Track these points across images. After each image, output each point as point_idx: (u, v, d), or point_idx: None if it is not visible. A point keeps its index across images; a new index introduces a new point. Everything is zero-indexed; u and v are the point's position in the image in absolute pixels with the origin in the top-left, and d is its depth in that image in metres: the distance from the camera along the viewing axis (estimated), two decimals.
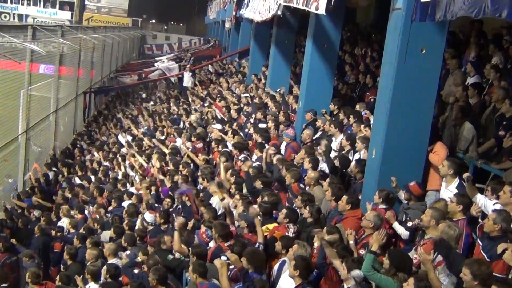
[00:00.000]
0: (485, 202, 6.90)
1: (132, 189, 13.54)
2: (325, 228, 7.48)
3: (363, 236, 7.60)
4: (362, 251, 7.19)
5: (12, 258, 11.76)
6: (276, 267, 7.50)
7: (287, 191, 9.81)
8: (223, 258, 7.29)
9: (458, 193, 7.24)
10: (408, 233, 7.52)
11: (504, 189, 6.66)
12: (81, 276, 9.71)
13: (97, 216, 12.65)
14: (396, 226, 7.65)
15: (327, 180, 9.06)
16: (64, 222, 13.10)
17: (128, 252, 9.80)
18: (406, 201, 8.12)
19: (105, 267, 9.20)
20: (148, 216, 10.77)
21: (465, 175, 7.31)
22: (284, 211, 8.41)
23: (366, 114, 10.88)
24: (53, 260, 11.78)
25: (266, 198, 9.00)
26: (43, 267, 11.16)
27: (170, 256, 8.69)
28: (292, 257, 6.90)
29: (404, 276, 6.08)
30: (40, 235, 12.33)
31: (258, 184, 10.03)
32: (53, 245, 12.06)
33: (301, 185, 9.51)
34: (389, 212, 7.83)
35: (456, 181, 7.72)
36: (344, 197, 8.22)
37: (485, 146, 8.76)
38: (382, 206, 8.02)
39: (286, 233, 8.05)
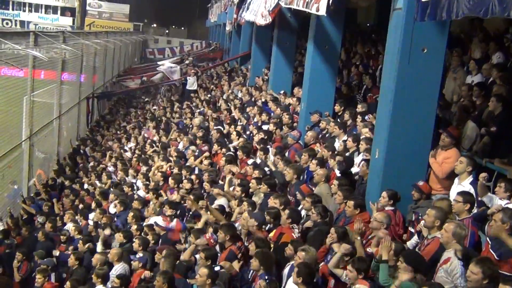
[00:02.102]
0: (496, 202, 6.86)
1: (140, 192, 13.53)
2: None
3: (370, 237, 7.58)
4: (369, 249, 7.19)
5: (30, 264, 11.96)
6: (286, 271, 7.47)
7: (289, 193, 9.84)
8: (217, 268, 7.26)
9: (463, 192, 7.21)
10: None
11: None
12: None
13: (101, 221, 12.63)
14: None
15: (335, 182, 9.04)
16: (70, 227, 13.10)
17: (140, 254, 9.79)
18: (414, 201, 8.09)
19: (116, 279, 9.20)
20: (162, 222, 10.79)
21: (482, 175, 7.29)
22: (287, 211, 8.40)
23: (369, 118, 10.89)
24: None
25: (277, 201, 8.99)
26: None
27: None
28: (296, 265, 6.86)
29: (421, 278, 6.04)
30: (44, 241, 12.36)
31: (263, 188, 10.04)
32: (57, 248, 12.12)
33: (310, 186, 9.51)
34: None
35: (470, 178, 7.70)
36: (351, 202, 8.14)
37: (481, 144, 8.77)
38: (389, 208, 8.01)
39: (292, 234, 8.08)
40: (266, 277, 7.03)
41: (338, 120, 12.19)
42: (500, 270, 5.79)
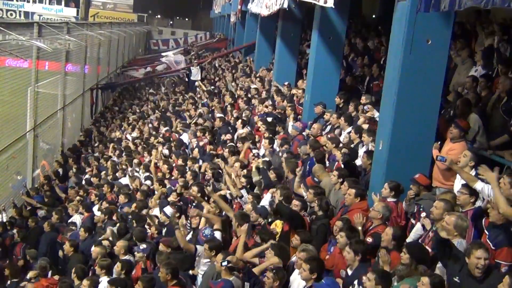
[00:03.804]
0: (489, 192, 6.84)
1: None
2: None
3: (371, 228, 7.59)
4: (369, 239, 7.22)
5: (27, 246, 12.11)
6: (294, 259, 7.52)
7: None
8: (224, 263, 7.30)
9: (467, 184, 7.21)
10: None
11: None
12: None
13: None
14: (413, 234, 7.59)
15: (335, 172, 9.05)
16: (77, 218, 13.14)
17: (144, 246, 9.82)
18: (414, 194, 8.07)
19: (118, 263, 9.23)
20: (169, 211, 10.81)
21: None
22: (298, 203, 8.51)
23: (368, 109, 10.88)
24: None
25: (278, 191, 9.04)
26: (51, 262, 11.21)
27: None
28: (303, 260, 6.85)
29: (424, 269, 6.07)
30: (50, 231, 12.40)
31: (272, 177, 10.10)
32: (60, 239, 12.18)
33: (315, 179, 9.53)
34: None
35: (472, 172, 7.63)
36: (352, 190, 8.22)
37: (498, 141, 8.73)
38: (391, 199, 8.02)
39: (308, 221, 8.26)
40: (273, 267, 7.06)
41: (340, 112, 12.14)
42: (496, 259, 5.93)
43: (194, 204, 10.78)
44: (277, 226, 8.37)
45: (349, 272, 6.78)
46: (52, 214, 13.44)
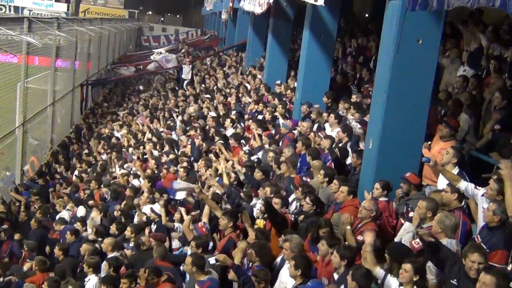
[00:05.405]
0: (473, 192, 6.89)
1: (135, 181, 13.51)
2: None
3: (360, 225, 7.60)
4: (360, 237, 7.21)
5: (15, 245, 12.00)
6: (278, 259, 7.53)
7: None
8: (212, 261, 7.25)
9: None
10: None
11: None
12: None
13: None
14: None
15: (322, 171, 9.07)
16: (65, 214, 13.08)
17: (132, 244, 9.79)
18: (404, 193, 8.10)
19: (105, 262, 9.18)
20: (158, 208, 10.77)
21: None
22: (279, 200, 8.56)
23: (343, 113, 10.94)
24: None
25: (268, 189, 9.06)
26: None
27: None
28: (291, 256, 6.83)
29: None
30: (37, 228, 12.33)
31: (258, 175, 10.10)
32: (50, 235, 12.11)
33: (304, 178, 9.54)
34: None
35: (456, 170, 7.70)
36: (345, 188, 8.24)
37: (483, 141, 8.77)
38: (383, 199, 8.04)
39: (290, 218, 8.32)
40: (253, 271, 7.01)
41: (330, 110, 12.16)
42: (490, 262, 5.87)
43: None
44: (260, 224, 8.40)
45: (336, 277, 6.74)
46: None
